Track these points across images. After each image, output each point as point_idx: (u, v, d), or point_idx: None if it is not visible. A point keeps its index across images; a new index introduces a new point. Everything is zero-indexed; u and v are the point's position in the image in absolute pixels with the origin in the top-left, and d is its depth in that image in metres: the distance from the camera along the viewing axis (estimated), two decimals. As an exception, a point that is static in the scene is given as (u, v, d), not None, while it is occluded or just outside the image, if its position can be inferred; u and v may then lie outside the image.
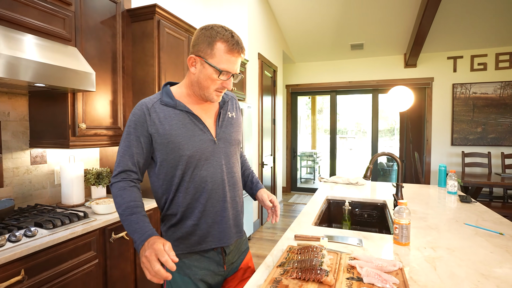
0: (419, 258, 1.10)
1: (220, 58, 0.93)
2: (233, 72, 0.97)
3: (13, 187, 1.67)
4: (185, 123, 0.98)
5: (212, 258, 1.04)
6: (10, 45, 1.21)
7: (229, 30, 0.96)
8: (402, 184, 1.65)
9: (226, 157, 1.05)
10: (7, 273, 1.14)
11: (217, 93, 1.00)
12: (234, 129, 1.11)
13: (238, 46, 0.95)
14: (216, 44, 0.93)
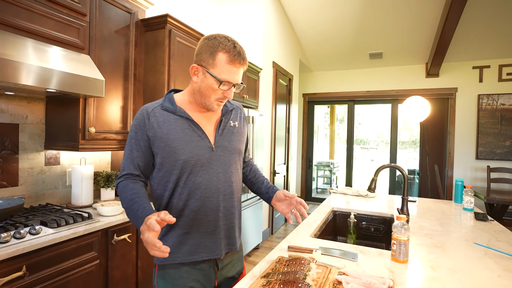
0: (415, 277, 1.04)
1: (221, 68, 0.94)
2: (234, 83, 0.97)
3: (27, 186, 1.76)
4: (184, 129, 0.99)
5: (204, 271, 1.03)
6: (38, 55, 1.30)
7: (232, 40, 0.97)
8: (407, 198, 1.58)
9: (224, 165, 1.04)
10: (9, 268, 1.20)
11: (217, 103, 1.00)
12: (235, 138, 1.10)
13: (239, 57, 0.95)
14: (217, 54, 0.93)
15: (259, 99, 3.53)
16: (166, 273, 1.01)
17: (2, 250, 1.17)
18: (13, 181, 1.69)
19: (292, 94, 4.69)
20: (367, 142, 20.06)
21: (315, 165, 7.35)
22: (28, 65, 1.27)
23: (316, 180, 7.56)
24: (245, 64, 0.99)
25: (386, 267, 1.12)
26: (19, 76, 1.25)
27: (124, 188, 0.96)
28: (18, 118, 1.71)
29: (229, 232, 1.07)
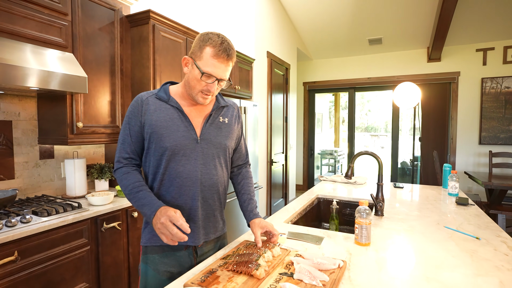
0: (370, 258, 1.09)
1: (206, 61, 0.98)
2: (217, 77, 1.00)
3: (24, 179, 1.88)
4: (173, 118, 1.05)
5: (183, 258, 1.09)
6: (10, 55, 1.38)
7: (222, 37, 1.01)
8: (382, 184, 1.61)
9: (207, 157, 1.08)
10: (1, 253, 1.31)
11: (202, 95, 1.04)
12: (222, 133, 1.13)
13: (224, 53, 0.99)
14: (205, 48, 0.98)
15: (253, 90, 3.56)
16: (148, 258, 1.08)
17: (-6, 237, 1.28)
18: (9, 174, 1.81)
19: (290, 83, 4.69)
20: (378, 129, 19.78)
21: (318, 153, 7.36)
22: (11, 66, 1.35)
23: (320, 168, 7.59)
24: (230, 61, 1.02)
25: (346, 250, 1.17)
26: (4, 77, 1.33)
27: (126, 175, 1.04)
28: (10, 115, 1.81)
29: (208, 222, 1.12)
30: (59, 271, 1.53)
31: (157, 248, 1.08)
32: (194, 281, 0.88)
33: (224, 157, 1.16)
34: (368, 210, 1.21)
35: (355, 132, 5.57)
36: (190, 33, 2.45)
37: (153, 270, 1.07)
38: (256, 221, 1.14)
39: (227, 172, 1.19)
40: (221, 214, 1.20)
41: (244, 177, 1.27)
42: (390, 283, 0.91)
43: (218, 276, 0.91)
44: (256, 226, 1.12)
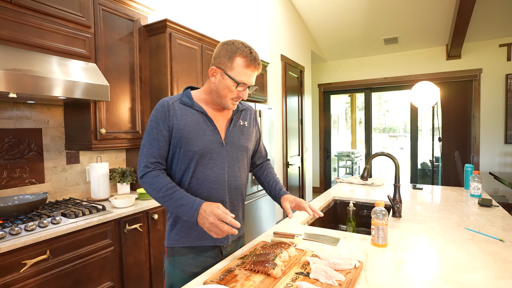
0: (387, 259, 1.09)
1: (239, 71, 1.03)
2: (249, 84, 1.07)
3: (53, 183, 1.99)
4: (199, 122, 1.08)
5: (208, 258, 1.13)
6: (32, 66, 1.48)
7: (249, 46, 1.06)
8: (399, 185, 1.59)
9: (232, 160, 1.13)
10: (35, 252, 1.40)
11: (232, 102, 1.09)
12: (244, 136, 1.18)
13: (255, 62, 1.05)
14: (236, 58, 1.02)
15: (268, 93, 3.59)
16: (174, 260, 1.11)
17: (29, 237, 1.37)
18: (40, 178, 1.92)
19: (304, 86, 4.69)
20: (396, 130, 19.30)
21: (335, 155, 7.29)
22: (41, 78, 1.45)
23: (337, 170, 7.50)
24: (259, 68, 1.08)
25: (362, 250, 1.17)
26: (34, 87, 1.43)
27: (157, 178, 1.03)
28: (40, 123, 1.93)
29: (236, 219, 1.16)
30: (86, 270, 1.61)
31: (184, 249, 1.10)
32: (213, 279, 0.91)
33: (247, 159, 1.21)
34: (384, 211, 1.21)
35: (372, 133, 5.48)
36: (205, 40, 2.52)
37: (180, 272, 1.10)
38: (286, 196, 1.22)
39: (247, 173, 1.25)
40: (243, 214, 1.24)
41: (267, 167, 1.35)
42: (407, 284, 0.91)
43: (236, 275, 0.94)
44: (285, 200, 1.19)
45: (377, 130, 18.88)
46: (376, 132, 18.40)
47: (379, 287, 0.89)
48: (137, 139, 2.18)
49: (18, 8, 1.48)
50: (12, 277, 1.31)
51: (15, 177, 1.80)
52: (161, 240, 2.06)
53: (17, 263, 1.33)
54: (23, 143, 1.84)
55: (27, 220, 1.52)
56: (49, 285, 1.45)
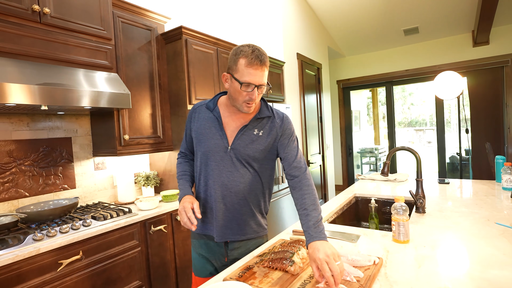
0: (409, 255, 1.06)
1: (242, 72, 1.05)
2: (255, 84, 1.05)
3: (83, 188, 2.11)
4: (211, 126, 1.18)
5: (216, 248, 1.22)
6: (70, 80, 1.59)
7: (253, 46, 1.07)
8: (422, 180, 1.54)
9: (234, 166, 1.15)
10: (69, 252, 1.50)
11: (246, 105, 1.09)
12: (253, 146, 1.14)
13: (257, 59, 1.04)
14: (239, 60, 1.05)
15: (285, 92, 3.59)
16: (193, 243, 1.30)
17: (63, 238, 1.47)
18: (71, 184, 2.05)
19: (322, 83, 4.64)
20: (422, 123, 18.52)
21: (358, 152, 7.12)
22: (69, 90, 1.55)
23: (361, 167, 7.33)
24: (264, 66, 1.06)
25: (383, 247, 1.15)
26: (63, 99, 1.53)
27: (179, 164, 1.33)
28: (70, 132, 2.05)
29: (235, 224, 1.18)
30: (116, 269, 1.70)
31: (196, 234, 1.27)
32: (232, 276, 0.94)
33: (259, 167, 1.18)
34: (404, 207, 1.19)
35: (395, 128, 5.31)
36: (220, 43, 2.57)
37: (195, 252, 1.28)
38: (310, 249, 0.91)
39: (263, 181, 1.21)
40: (255, 219, 1.21)
41: (296, 188, 1.11)
42: (430, 280, 0.89)
43: (255, 272, 0.96)
44: (310, 258, 0.90)
45: (402, 124, 18.19)
46: (401, 126, 17.73)
47: (399, 284, 0.88)
48: (159, 144, 2.26)
49: (46, 27, 1.59)
50: (51, 275, 1.42)
51: (50, 184, 1.93)
52: (186, 240, 2.13)
53: (54, 262, 1.43)
54: (56, 151, 1.96)
55: (61, 223, 1.63)
56: (83, 284, 1.54)
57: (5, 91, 1.33)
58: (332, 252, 0.86)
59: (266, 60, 1.07)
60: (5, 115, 1.75)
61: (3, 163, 1.73)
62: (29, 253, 1.33)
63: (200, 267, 1.25)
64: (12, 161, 1.77)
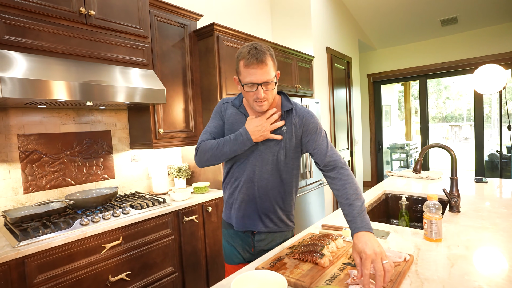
0: (441, 254, 1.05)
1: (243, 74, 1.08)
2: (257, 82, 1.05)
3: (121, 178, 2.26)
4: (239, 122, 1.21)
5: (243, 238, 1.27)
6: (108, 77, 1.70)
7: (250, 46, 1.07)
8: (457, 178, 1.49)
9: (262, 160, 1.18)
10: (111, 237, 1.63)
11: (257, 104, 1.11)
12: (279, 141, 1.17)
13: (253, 58, 1.03)
14: (239, 62, 1.09)
15: (314, 87, 3.56)
16: (223, 233, 1.35)
17: (106, 224, 1.60)
18: (111, 174, 2.19)
19: (352, 77, 4.53)
20: (459, 118, 17.47)
21: (388, 148, 6.91)
22: (109, 86, 1.67)
23: (390, 163, 7.11)
24: (262, 64, 1.04)
25: (414, 245, 1.15)
26: (105, 96, 1.65)
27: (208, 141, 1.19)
28: (110, 126, 2.19)
29: (265, 216, 1.23)
30: (152, 255, 1.81)
31: (226, 224, 1.32)
32: (264, 265, 0.99)
33: (285, 163, 1.20)
34: (438, 205, 1.17)
35: (428, 123, 5.09)
36: (250, 39, 2.60)
37: (225, 241, 1.34)
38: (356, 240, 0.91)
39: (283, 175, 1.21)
40: (276, 214, 1.24)
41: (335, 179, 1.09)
42: (463, 280, 0.88)
43: (285, 263, 1.00)
44: (355, 249, 0.89)
45: (436, 119, 17.27)
46: (435, 121, 16.85)
47: (430, 281, 0.88)
48: (191, 137, 2.35)
49: (91, 28, 1.70)
50: (96, 257, 1.55)
51: (92, 173, 2.08)
52: (216, 231, 2.21)
53: (99, 246, 1.56)
54: (97, 143, 2.11)
55: (103, 210, 1.76)
56: (123, 266, 1.67)
57: (57, 88, 1.46)
58: (381, 251, 0.85)
59: (264, 57, 1.05)
60: (54, 110, 1.91)
61: (53, 153, 1.89)
62: (78, 236, 1.47)
63: (230, 255, 1.32)
64: (61, 152, 1.93)
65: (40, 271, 1.36)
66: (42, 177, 1.84)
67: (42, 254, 1.36)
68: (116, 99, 1.70)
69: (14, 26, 1.42)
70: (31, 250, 1.32)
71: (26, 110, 1.79)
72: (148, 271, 1.79)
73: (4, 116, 1.70)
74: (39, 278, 1.35)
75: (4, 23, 1.39)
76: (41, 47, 1.52)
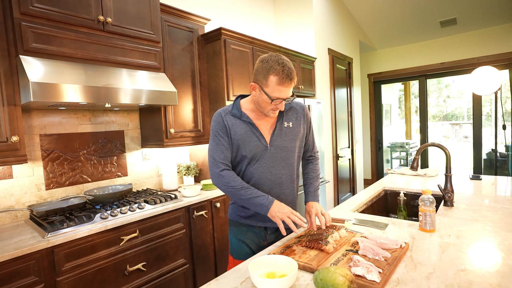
0: (434, 242, 1.17)
1: (273, 88, 1.15)
2: (284, 98, 1.17)
3: (133, 176, 2.38)
4: (246, 131, 1.28)
5: (256, 233, 1.35)
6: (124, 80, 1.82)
7: (282, 63, 1.14)
8: (450, 175, 1.61)
9: (276, 160, 1.29)
10: (129, 230, 1.74)
11: (272, 111, 1.22)
12: (288, 137, 1.30)
13: (287, 78, 1.14)
14: (270, 76, 1.14)
15: (316, 87, 3.67)
16: (232, 229, 1.39)
17: (123, 218, 1.71)
18: (124, 172, 2.31)
19: (353, 77, 4.64)
20: (459, 116, 17.54)
21: (388, 146, 7.03)
22: (125, 89, 1.78)
23: (390, 162, 7.22)
24: (293, 82, 1.17)
25: (410, 235, 1.26)
26: (121, 98, 1.76)
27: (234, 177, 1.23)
28: (123, 126, 2.31)
29: None
30: (165, 248, 1.93)
31: (236, 222, 1.37)
32: (275, 252, 1.10)
33: (294, 156, 1.33)
34: (431, 199, 1.28)
35: (428, 122, 5.19)
36: (256, 42, 2.71)
37: (234, 238, 1.37)
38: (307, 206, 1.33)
39: (294, 169, 1.36)
40: (293, 206, 1.37)
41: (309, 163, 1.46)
42: (452, 263, 0.99)
43: (294, 250, 1.12)
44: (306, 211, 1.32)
45: (436, 118, 17.36)
46: (435, 120, 16.94)
47: (423, 264, 0.99)
48: (199, 137, 2.46)
49: (108, 34, 1.82)
50: (115, 248, 1.67)
51: (107, 171, 2.20)
52: (223, 226, 2.33)
53: (117, 238, 1.68)
54: (111, 143, 2.23)
55: (120, 205, 1.88)
56: (140, 257, 1.79)
57: (79, 92, 1.58)
58: (321, 209, 1.29)
59: (294, 75, 1.17)
60: (72, 111, 2.02)
61: (72, 152, 2.01)
62: (99, 229, 1.59)
63: (239, 250, 1.35)
64: (78, 151, 2.05)
65: (67, 260, 1.48)
66: (62, 175, 1.96)
67: (68, 245, 1.48)
68: (132, 101, 1.81)
69: (40, 34, 1.54)
70: (59, 240, 1.44)
71: (47, 111, 1.90)
72: (162, 262, 1.91)
73: (27, 117, 1.82)
74: (66, 266, 1.47)
75: (32, 32, 1.51)
76: (64, 53, 1.63)
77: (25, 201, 1.80)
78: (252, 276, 0.87)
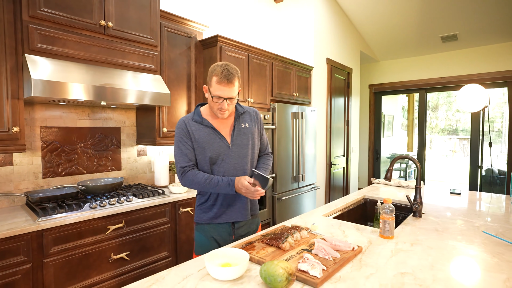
0: (387, 248, 1.25)
1: (214, 88, 1.33)
2: (224, 97, 1.32)
3: (127, 171, 2.51)
4: (209, 133, 1.42)
5: (224, 229, 1.46)
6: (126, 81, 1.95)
7: (224, 67, 1.32)
8: (420, 187, 1.69)
9: (238, 158, 1.44)
10: (115, 220, 1.86)
11: (219, 112, 1.38)
12: (246, 137, 1.47)
13: (225, 79, 1.30)
14: (212, 77, 1.33)
15: (312, 95, 3.77)
16: (199, 227, 1.47)
17: (111, 209, 1.84)
18: (118, 166, 2.44)
19: (352, 87, 4.72)
20: (469, 131, 17.35)
21: (387, 157, 7.04)
22: (120, 89, 1.91)
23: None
24: (231, 84, 1.31)
25: (368, 240, 1.35)
26: (117, 97, 1.89)
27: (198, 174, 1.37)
28: (119, 123, 2.44)
29: (245, 205, 1.47)
30: (150, 240, 2.05)
31: (205, 223, 1.46)
32: (237, 246, 1.21)
33: (253, 153, 1.50)
34: (391, 207, 1.37)
35: (426, 136, 5.23)
36: (251, 50, 2.83)
37: (203, 235, 1.46)
38: None
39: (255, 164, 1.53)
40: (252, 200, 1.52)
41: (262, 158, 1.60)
42: (396, 266, 1.08)
43: (255, 246, 1.22)
44: None
45: (445, 131, 17.23)
46: (444, 134, 16.81)
47: (369, 266, 1.08)
48: (192, 137, 2.58)
49: (109, 37, 1.96)
50: (101, 236, 1.79)
51: (102, 165, 2.34)
52: (208, 223, 2.44)
53: (104, 227, 1.81)
54: (107, 138, 2.37)
55: (109, 197, 2.01)
56: (124, 247, 1.90)
57: (77, 90, 1.71)
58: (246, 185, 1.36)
59: (233, 79, 1.32)
60: (72, 107, 2.17)
61: (69, 144, 2.15)
62: (87, 217, 1.71)
63: (208, 248, 1.43)
64: (75, 144, 2.19)
65: (55, 243, 1.60)
66: (59, 165, 2.10)
67: (57, 230, 1.61)
68: (126, 101, 1.94)
69: (46, 36, 1.68)
70: (48, 225, 1.56)
71: (49, 106, 2.05)
72: (145, 253, 2.03)
73: (30, 110, 1.97)
74: (53, 249, 1.60)
75: (38, 34, 1.65)
76: (66, 54, 1.77)
77: (22, 187, 1.94)
78: (207, 265, 0.98)
